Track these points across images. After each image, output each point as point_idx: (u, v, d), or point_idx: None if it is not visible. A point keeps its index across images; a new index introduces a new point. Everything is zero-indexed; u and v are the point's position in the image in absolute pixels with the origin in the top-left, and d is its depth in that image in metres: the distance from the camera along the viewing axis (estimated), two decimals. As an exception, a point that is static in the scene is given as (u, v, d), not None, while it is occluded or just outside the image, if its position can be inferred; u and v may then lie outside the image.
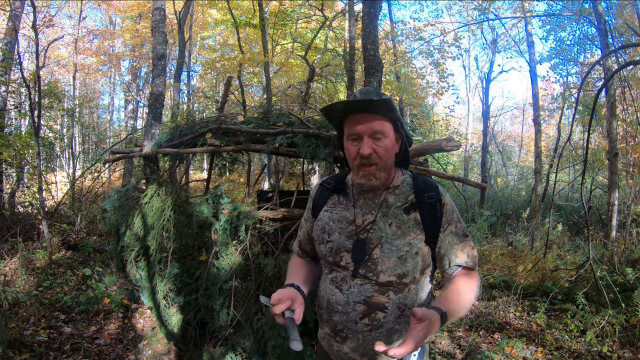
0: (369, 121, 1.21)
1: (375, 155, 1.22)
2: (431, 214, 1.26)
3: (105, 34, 15.58)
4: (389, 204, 1.29)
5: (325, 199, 1.40)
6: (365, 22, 4.29)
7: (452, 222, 1.29)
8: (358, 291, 1.24)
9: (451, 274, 1.27)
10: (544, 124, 13.92)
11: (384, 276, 1.23)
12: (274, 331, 2.57)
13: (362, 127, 1.21)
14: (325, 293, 1.32)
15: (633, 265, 4.69)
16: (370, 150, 1.21)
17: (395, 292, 1.24)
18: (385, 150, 1.23)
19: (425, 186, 1.31)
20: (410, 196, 1.30)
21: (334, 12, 11.47)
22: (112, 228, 3.57)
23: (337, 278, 1.29)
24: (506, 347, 3.49)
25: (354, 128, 1.23)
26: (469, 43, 17.95)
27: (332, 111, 1.27)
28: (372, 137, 1.22)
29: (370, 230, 1.26)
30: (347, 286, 1.26)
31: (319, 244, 1.35)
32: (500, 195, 13.11)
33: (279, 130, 2.96)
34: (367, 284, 1.24)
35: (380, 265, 1.23)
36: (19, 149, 6.25)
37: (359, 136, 1.23)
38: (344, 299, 1.25)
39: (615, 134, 6.29)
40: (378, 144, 1.22)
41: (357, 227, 1.28)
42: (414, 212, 1.27)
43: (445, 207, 1.29)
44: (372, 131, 1.21)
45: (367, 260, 1.25)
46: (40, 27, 7.35)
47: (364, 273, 1.24)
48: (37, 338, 3.25)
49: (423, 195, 1.28)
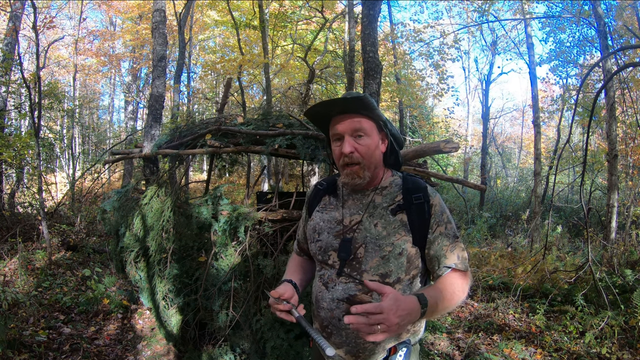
0: (348, 120, 1.24)
1: (357, 154, 1.24)
2: (419, 215, 1.27)
3: (106, 35, 15.60)
4: (375, 205, 1.31)
5: (318, 200, 1.44)
6: (364, 23, 4.30)
7: (442, 223, 1.28)
8: (342, 289, 1.26)
9: (441, 275, 1.27)
10: (543, 126, 13.94)
11: (367, 275, 1.25)
12: (273, 332, 2.57)
13: (342, 126, 1.25)
14: (315, 290, 1.36)
15: (632, 267, 4.69)
16: (351, 148, 1.23)
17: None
18: (367, 148, 1.25)
19: (413, 187, 1.31)
20: (397, 197, 1.31)
21: (334, 13, 11.49)
22: (111, 229, 3.58)
23: (324, 276, 1.33)
24: (505, 348, 3.49)
25: (335, 128, 1.27)
26: (469, 45, 17.98)
27: (313, 114, 1.30)
28: (353, 136, 1.25)
29: (356, 230, 1.29)
30: (333, 284, 1.29)
31: (310, 242, 1.40)
32: (500, 197, 13.11)
33: (278, 132, 2.97)
34: (350, 282, 1.26)
35: (364, 265, 1.25)
36: (18, 150, 6.26)
37: (341, 136, 1.26)
38: (330, 296, 1.28)
39: (615, 135, 6.30)
40: (359, 142, 1.25)
41: (344, 227, 1.31)
42: (400, 213, 1.28)
43: (434, 208, 1.28)
44: (352, 129, 1.24)
45: (352, 260, 1.27)
46: (40, 28, 7.35)
47: (349, 272, 1.27)
48: (37, 338, 3.25)
49: (410, 196, 1.29)
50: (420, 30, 10.23)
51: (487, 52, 16.24)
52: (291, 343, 2.54)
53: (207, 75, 15.18)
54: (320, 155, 2.81)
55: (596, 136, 11.91)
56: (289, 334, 2.56)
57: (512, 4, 11.77)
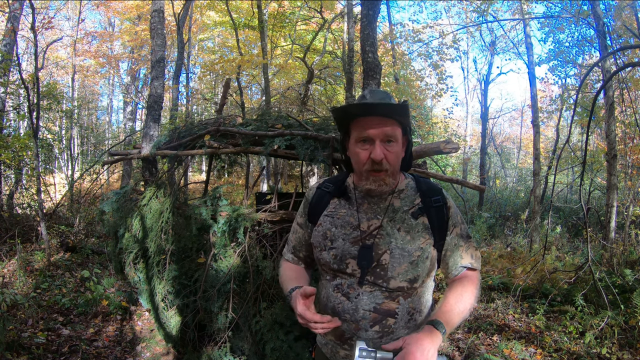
0: (382, 125, 1.16)
1: (386, 161, 1.18)
2: (438, 218, 1.26)
3: (104, 35, 15.59)
4: (395, 209, 1.26)
5: (325, 203, 1.34)
6: (364, 24, 4.29)
7: (457, 224, 1.30)
8: (367, 298, 1.21)
9: (456, 275, 1.30)
10: (542, 126, 13.95)
11: (395, 282, 1.20)
12: (272, 334, 2.56)
13: (375, 131, 1.16)
14: (330, 300, 1.27)
15: (632, 267, 4.70)
16: (382, 155, 1.17)
17: (405, 297, 1.23)
18: (395, 155, 1.21)
19: (429, 190, 1.30)
20: (416, 200, 1.28)
21: (333, 14, 11.50)
22: (110, 230, 3.57)
23: (342, 285, 1.24)
24: (505, 349, 3.49)
25: (366, 131, 1.17)
26: (468, 45, 17.96)
27: (344, 113, 1.24)
28: (384, 141, 1.18)
29: (377, 236, 1.23)
30: (355, 293, 1.22)
31: (320, 250, 1.30)
32: (499, 197, 13.11)
33: (278, 133, 2.96)
34: (376, 290, 1.21)
35: (390, 271, 1.20)
36: (17, 151, 6.24)
37: (370, 139, 1.18)
38: (353, 307, 1.21)
39: (614, 135, 6.30)
40: (389, 149, 1.18)
41: (362, 232, 1.24)
42: (422, 216, 1.25)
43: (451, 210, 1.29)
44: (385, 135, 1.17)
45: (376, 267, 1.21)
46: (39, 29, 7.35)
47: (373, 280, 1.21)
48: (35, 340, 3.24)
49: (429, 199, 1.27)
50: (419, 30, 10.23)
51: (486, 52, 16.22)
52: (291, 345, 2.53)
53: (206, 76, 15.18)
54: (320, 156, 2.80)
55: (595, 136, 11.90)
56: (288, 336, 2.55)
57: (511, 4, 11.77)
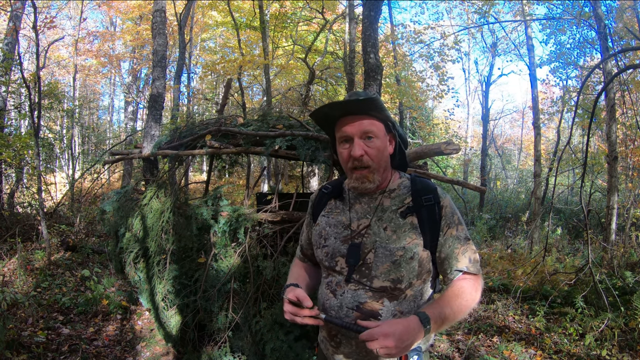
0: (357, 121, 1.19)
1: (367, 157, 1.20)
2: (429, 217, 1.23)
3: (106, 35, 15.60)
4: (384, 208, 1.27)
5: (323, 204, 1.39)
6: (365, 25, 4.30)
7: (453, 225, 1.25)
8: (351, 296, 1.22)
9: (452, 279, 1.24)
10: (543, 128, 13.93)
11: (378, 281, 1.21)
12: (272, 334, 2.56)
13: (351, 128, 1.20)
14: (322, 297, 1.32)
15: (632, 269, 4.69)
16: (361, 151, 1.19)
17: (390, 298, 1.21)
18: (377, 151, 1.21)
19: (423, 189, 1.27)
20: (407, 199, 1.26)
21: (335, 14, 11.49)
22: (111, 229, 3.58)
23: (332, 282, 1.28)
24: (505, 350, 3.48)
25: (343, 130, 1.21)
26: (469, 46, 17.98)
27: (320, 115, 1.26)
28: (363, 138, 1.20)
29: (365, 235, 1.24)
30: (341, 291, 1.24)
31: (316, 248, 1.35)
32: (500, 199, 13.11)
33: (279, 133, 2.97)
34: (360, 289, 1.22)
35: (374, 270, 1.21)
36: (18, 150, 6.25)
37: (350, 138, 1.21)
38: (337, 304, 1.24)
39: (615, 137, 6.29)
40: (369, 144, 1.20)
41: (352, 231, 1.27)
42: (410, 216, 1.24)
43: (445, 209, 1.25)
44: (362, 131, 1.19)
45: (361, 265, 1.23)
46: (40, 28, 7.36)
47: (358, 278, 1.23)
48: (35, 339, 3.24)
49: (420, 198, 1.25)
50: (420, 31, 10.24)
51: (487, 54, 16.25)
52: (291, 345, 2.53)
53: (207, 76, 15.18)
54: (321, 157, 2.80)
55: (596, 138, 11.91)
56: (288, 336, 2.56)
57: (513, 6, 11.77)
